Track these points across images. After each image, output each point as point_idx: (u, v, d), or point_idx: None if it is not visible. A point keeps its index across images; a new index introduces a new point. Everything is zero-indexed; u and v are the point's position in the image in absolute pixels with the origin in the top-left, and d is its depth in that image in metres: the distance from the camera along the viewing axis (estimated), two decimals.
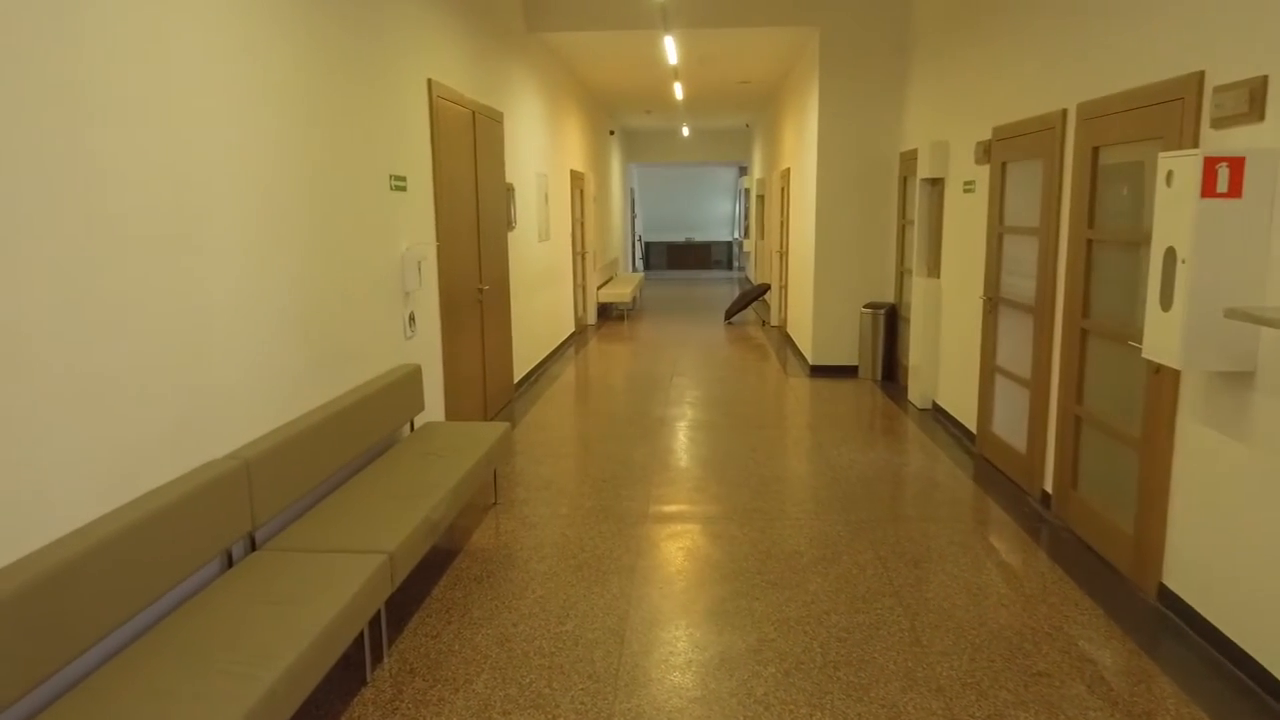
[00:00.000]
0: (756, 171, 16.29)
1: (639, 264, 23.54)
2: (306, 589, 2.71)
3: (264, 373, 3.25)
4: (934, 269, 6.90)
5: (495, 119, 6.69)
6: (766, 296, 13.27)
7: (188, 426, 2.80)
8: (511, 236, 7.40)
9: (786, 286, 10.80)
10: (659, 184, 23.94)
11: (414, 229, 4.93)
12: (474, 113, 6.08)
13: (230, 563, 2.97)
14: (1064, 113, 4.42)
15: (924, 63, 7.15)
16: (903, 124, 7.85)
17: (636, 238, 23.10)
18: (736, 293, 17.28)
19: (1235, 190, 2.81)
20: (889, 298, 8.22)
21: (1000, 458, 5.35)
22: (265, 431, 3.24)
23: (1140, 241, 3.72)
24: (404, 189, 4.76)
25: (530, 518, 4.56)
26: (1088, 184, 4.15)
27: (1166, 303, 3.04)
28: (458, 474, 3.88)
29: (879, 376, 8.13)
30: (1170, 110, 3.38)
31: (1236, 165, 2.80)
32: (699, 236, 24.44)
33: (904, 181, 7.82)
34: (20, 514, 2.14)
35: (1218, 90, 3.08)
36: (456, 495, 3.77)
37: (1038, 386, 4.77)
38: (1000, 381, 5.43)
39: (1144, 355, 3.20)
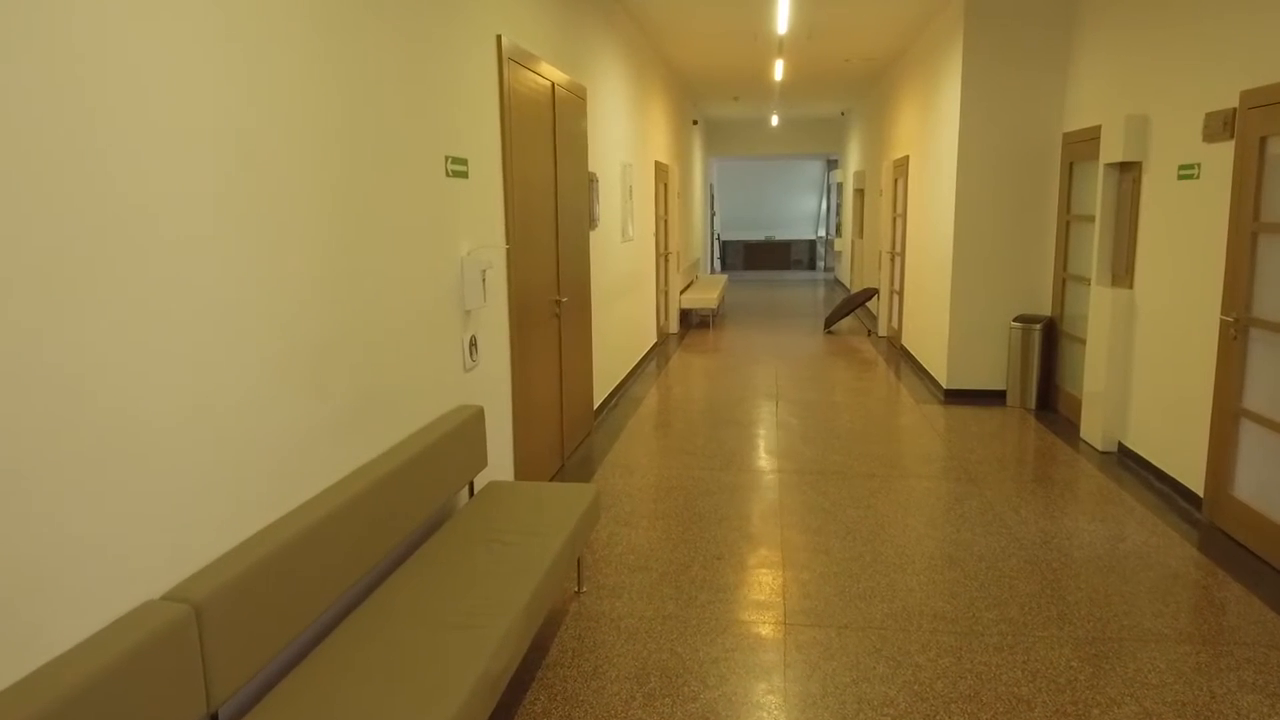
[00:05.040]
0: (854, 163, 14.85)
1: (716, 264, 22.25)
2: None
3: (244, 447, 2.11)
4: (1124, 277, 5.48)
5: (578, 95, 5.53)
6: (871, 303, 11.89)
7: (97, 555, 1.68)
8: (593, 236, 6.23)
9: (902, 292, 9.41)
10: (738, 179, 22.58)
11: (477, 228, 3.78)
12: (554, 84, 4.92)
13: None
14: None
15: (1105, 21, 5.73)
16: (1069, 98, 6.43)
17: (715, 237, 21.81)
18: (824, 295, 15.87)
19: None
20: (1045, 309, 6.81)
21: (1254, 536, 3.96)
22: (241, 540, 2.11)
23: None
24: (465, 175, 3.62)
25: (627, 619, 3.36)
26: None
27: None
28: (533, 579, 2.70)
29: (1033, 405, 6.72)
30: None
31: None
32: (780, 235, 22.99)
33: (1069, 168, 6.40)
34: None
35: None
36: (531, 615, 2.60)
37: None
38: (1253, 432, 4.03)
39: None
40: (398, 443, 2.97)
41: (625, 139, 7.60)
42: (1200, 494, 4.45)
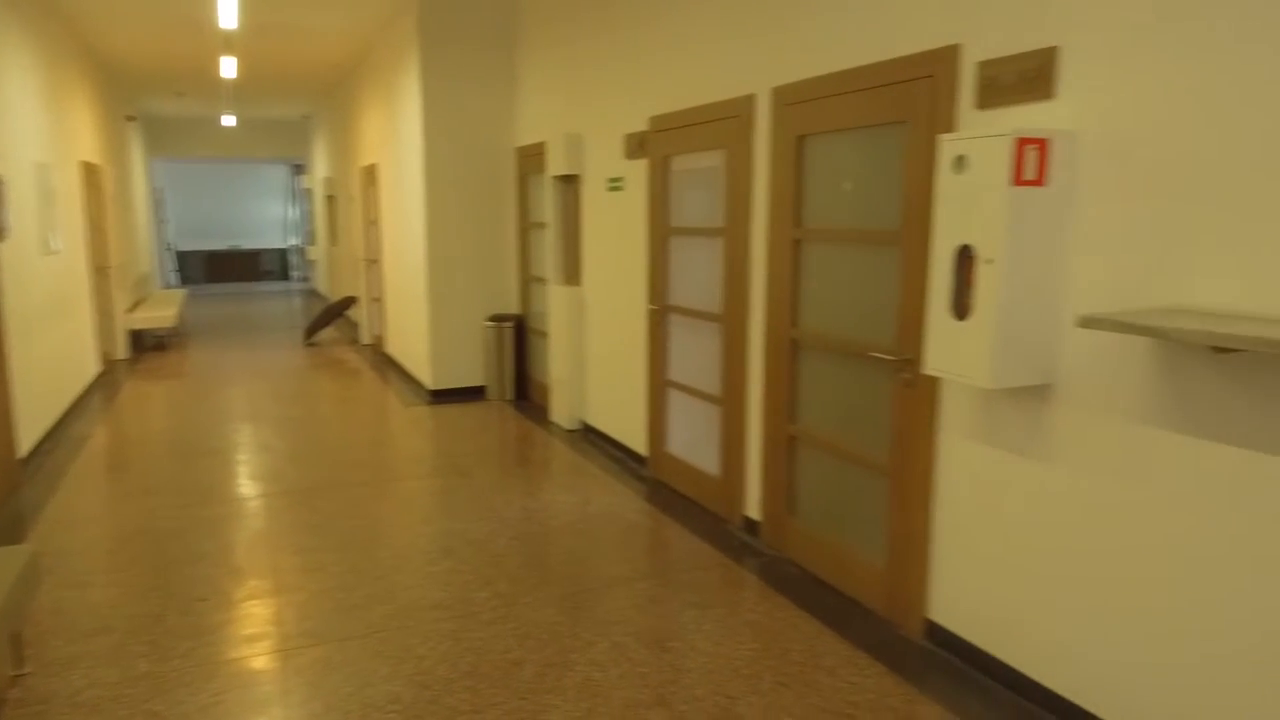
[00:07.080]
0: (322, 169, 14.45)
1: (174, 278, 19.92)
2: None
3: None
4: (573, 276, 6.22)
5: None
6: (351, 312, 11.72)
7: None
8: (2, 250, 5.15)
9: (382, 299, 9.45)
10: (193, 183, 20.46)
11: None
12: None
13: None
14: (750, 98, 3.94)
15: (546, 48, 6.42)
16: (518, 115, 7.06)
17: (167, 246, 19.48)
18: (301, 306, 15.24)
19: (1040, 178, 2.42)
20: (514, 308, 7.41)
21: (683, 482, 4.81)
22: None
23: (874, 239, 3.32)
24: None
25: (86, 692, 2.87)
26: (792, 178, 3.69)
27: (962, 310, 2.59)
28: None
29: (510, 396, 7.28)
30: (915, 90, 2.98)
31: (1041, 148, 2.40)
32: (246, 244, 21.40)
33: (523, 180, 7.04)
34: None
35: (985, 65, 2.70)
36: None
37: (731, 404, 4.28)
38: (677, 399, 4.89)
39: (930, 371, 2.74)
40: None
41: (39, 135, 6.40)
42: (645, 454, 5.27)
